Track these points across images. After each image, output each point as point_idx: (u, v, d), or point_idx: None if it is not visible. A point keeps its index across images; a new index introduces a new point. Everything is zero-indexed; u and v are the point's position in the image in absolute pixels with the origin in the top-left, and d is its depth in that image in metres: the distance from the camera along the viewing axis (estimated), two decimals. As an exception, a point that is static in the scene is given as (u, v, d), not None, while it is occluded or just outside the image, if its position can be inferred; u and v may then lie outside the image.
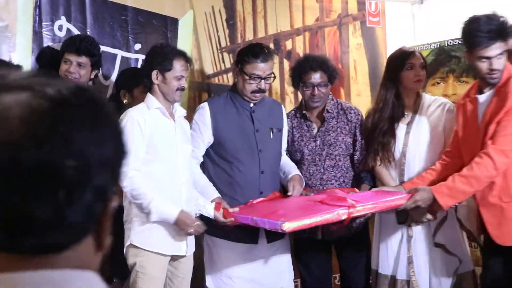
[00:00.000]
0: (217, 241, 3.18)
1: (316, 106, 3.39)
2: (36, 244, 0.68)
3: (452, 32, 4.41)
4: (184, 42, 3.99)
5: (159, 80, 2.90)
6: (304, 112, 3.42)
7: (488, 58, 2.64)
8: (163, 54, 2.94)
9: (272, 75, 3.20)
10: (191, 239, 3.00)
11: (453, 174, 2.92)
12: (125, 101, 3.39)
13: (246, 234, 3.10)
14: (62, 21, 3.54)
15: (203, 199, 2.97)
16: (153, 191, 2.78)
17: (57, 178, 0.66)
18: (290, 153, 3.47)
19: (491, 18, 2.63)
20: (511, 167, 2.60)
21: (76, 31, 3.57)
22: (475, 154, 2.69)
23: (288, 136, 3.45)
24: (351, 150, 3.38)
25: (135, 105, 3.02)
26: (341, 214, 2.71)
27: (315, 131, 3.40)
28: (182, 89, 2.96)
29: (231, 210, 2.94)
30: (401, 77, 3.20)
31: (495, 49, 2.62)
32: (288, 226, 2.61)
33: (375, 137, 3.22)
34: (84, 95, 0.72)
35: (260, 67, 3.09)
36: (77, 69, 3.20)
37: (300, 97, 3.75)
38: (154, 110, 2.89)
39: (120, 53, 3.76)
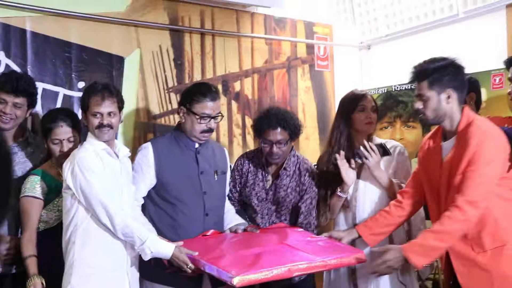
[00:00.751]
0: (158, 287, 3.02)
1: (275, 163, 3.30)
2: None
3: (399, 77, 4.49)
4: (129, 81, 3.90)
5: (86, 121, 2.83)
6: (263, 161, 3.33)
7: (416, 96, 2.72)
8: (83, 94, 2.87)
9: (220, 114, 3.13)
10: (135, 285, 2.86)
11: (410, 218, 2.92)
12: None
13: (189, 280, 2.96)
14: (1, 56, 3.40)
15: (154, 236, 2.79)
16: (145, 229, 2.72)
17: None
18: (240, 194, 3.38)
19: (427, 61, 2.70)
20: (483, 218, 2.55)
21: (16, 67, 3.43)
22: (439, 199, 2.67)
23: (242, 177, 3.37)
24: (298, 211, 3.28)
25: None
26: (292, 270, 2.60)
27: (268, 183, 3.30)
28: (103, 125, 2.77)
29: (189, 252, 2.79)
30: (352, 119, 3.17)
31: (418, 89, 2.69)
32: (239, 280, 2.48)
33: (327, 179, 3.18)
34: None
35: (209, 106, 3.01)
36: (13, 109, 3.05)
37: (248, 139, 3.68)
38: (100, 151, 2.78)
39: (62, 91, 3.63)
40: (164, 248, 2.71)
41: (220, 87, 4.21)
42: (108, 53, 3.81)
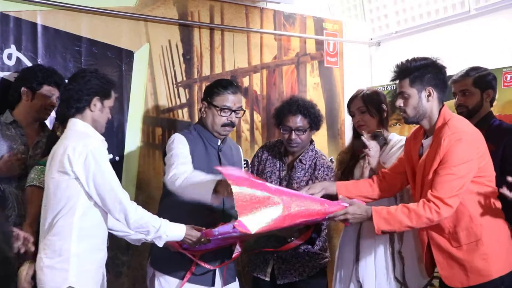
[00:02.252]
0: (171, 280, 3.02)
1: (293, 151, 3.32)
2: None
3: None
4: (139, 75, 3.91)
5: (98, 108, 2.72)
6: (282, 150, 3.37)
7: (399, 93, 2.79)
8: (103, 82, 2.77)
9: (242, 109, 3.13)
10: None
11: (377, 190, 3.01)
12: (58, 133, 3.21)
13: (202, 276, 2.99)
14: (12, 49, 3.43)
15: (165, 221, 2.72)
16: (155, 217, 2.69)
17: None
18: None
19: (409, 60, 2.81)
20: (459, 214, 2.64)
21: (26, 61, 3.46)
22: (418, 192, 2.74)
23: (260, 164, 3.41)
24: None
25: None
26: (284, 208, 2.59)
27: (284, 173, 3.32)
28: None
29: (197, 227, 2.78)
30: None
31: (399, 87, 2.79)
32: (241, 228, 2.50)
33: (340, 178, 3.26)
34: None
35: (230, 99, 3.04)
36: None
37: (256, 134, 3.68)
38: (102, 142, 2.74)
39: (72, 85, 3.65)
40: (177, 229, 2.73)
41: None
42: (117, 47, 3.83)
